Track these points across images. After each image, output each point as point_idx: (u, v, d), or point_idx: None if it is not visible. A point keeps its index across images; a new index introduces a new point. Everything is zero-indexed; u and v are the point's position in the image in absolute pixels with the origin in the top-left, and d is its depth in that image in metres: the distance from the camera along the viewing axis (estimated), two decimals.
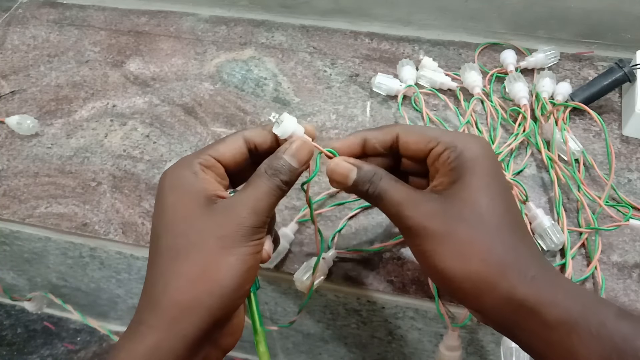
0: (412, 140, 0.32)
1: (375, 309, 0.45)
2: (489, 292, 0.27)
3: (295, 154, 0.31)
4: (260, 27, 0.66)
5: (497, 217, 0.29)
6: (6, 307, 0.78)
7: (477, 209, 0.28)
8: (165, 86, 0.60)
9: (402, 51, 0.62)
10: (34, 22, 0.69)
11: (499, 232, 0.28)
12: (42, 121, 0.56)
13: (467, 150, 0.30)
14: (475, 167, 0.29)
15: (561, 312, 0.25)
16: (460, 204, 0.29)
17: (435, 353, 0.42)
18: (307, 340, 0.56)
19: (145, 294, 0.28)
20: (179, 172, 0.30)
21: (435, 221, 0.28)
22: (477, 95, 0.53)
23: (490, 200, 0.29)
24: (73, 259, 0.54)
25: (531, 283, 0.27)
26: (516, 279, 0.27)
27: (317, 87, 0.58)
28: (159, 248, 0.29)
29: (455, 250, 0.28)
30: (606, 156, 0.49)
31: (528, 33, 0.60)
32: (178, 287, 0.27)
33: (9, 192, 0.50)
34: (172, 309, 0.27)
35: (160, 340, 0.26)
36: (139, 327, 0.27)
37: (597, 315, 0.25)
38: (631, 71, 0.51)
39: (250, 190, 0.30)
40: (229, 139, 0.32)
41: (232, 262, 0.28)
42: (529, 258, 0.28)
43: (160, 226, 0.29)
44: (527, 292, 0.26)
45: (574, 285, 0.27)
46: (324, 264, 0.42)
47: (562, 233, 0.42)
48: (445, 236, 0.28)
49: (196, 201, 0.29)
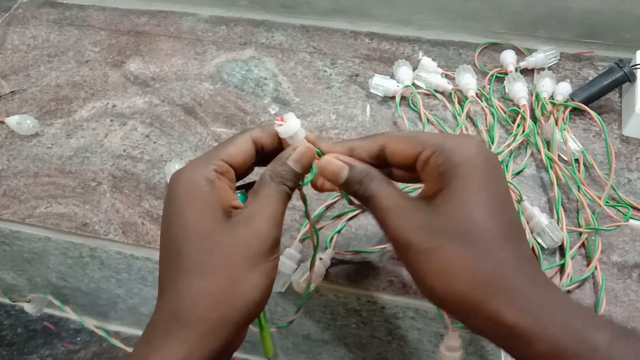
0: (399, 147, 0.31)
1: (375, 309, 0.45)
2: (475, 314, 0.26)
3: (300, 160, 0.31)
4: (260, 27, 0.66)
5: (486, 229, 0.27)
6: (6, 307, 0.78)
7: (463, 222, 0.27)
8: (165, 86, 0.60)
9: (402, 51, 0.62)
10: (34, 22, 0.69)
11: (488, 246, 0.26)
12: (42, 121, 0.56)
13: (456, 153, 0.28)
14: (464, 172, 0.28)
15: (550, 341, 0.24)
16: (445, 217, 0.27)
17: (436, 353, 0.42)
18: (307, 340, 0.56)
19: (168, 307, 0.28)
20: (194, 179, 0.29)
21: (419, 236, 0.27)
22: (471, 98, 0.53)
23: (479, 210, 0.27)
24: (73, 259, 0.54)
25: (519, 307, 0.25)
26: (503, 303, 0.25)
27: (317, 87, 0.58)
28: (182, 263, 0.28)
29: (440, 268, 0.27)
30: (606, 156, 0.49)
31: (528, 33, 0.60)
32: (207, 305, 0.27)
33: (9, 192, 0.50)
34: (202, 326, 0.27)
35: (190, 353, 0.26)
36: (168, 341, 0.27)
37: (589, 342, 0.24)
38: (631, 71, 0.51)
39: (263, 201, 0.29)
40: (239, 141, 0.32)
41: (257, 278, 0.28)
42: (519, 275, 0.26)
43: (181, 240, 0.28)
44: (515, 318, 0.25)
45: (566, 304, 0.25)
46: (322, 265, 0.42)
47: (560, 230, 0.42)
48: (429, 253, 0.27)
49: (216, 215, 0.29)
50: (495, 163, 0.29)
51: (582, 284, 0.41)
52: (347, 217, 0.46)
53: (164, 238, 0.30)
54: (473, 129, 0.52)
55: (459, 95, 0.55)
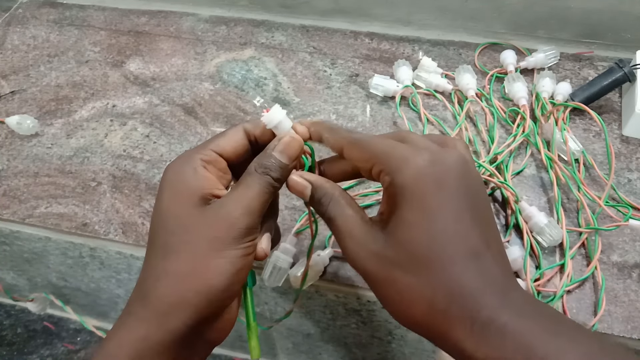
0: (355, 156, 0.30)
1: (375, 309, 0.45)
2: (440, 341, 0.25)
3: (285, 150, 0.31)
4: (260, 27, 0.66)
5: (440, 255, 0.25)
6: (6, 307, 0.78)
7: (415, 251, 0.25)
8: (165, 86, 0.60)
9: (402, 51, 0.62)
10: (34, 22, 0.69)
11: (442, 274, 0.25)
12: (42, 121, 0.56)
13: (400, 173, 0.26)
14: (410, 196, 0.26)
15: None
16: (397, 247, 0.26)
17: (436, 353, 0.42)
18: (307, 340, 0.56)
19: (137, 287, 0.29)
20: (179, 168, 0.30)
21: (374, 266, 0.27)
22: (471, 98, 0.53)
23: (430, 237, 0.25)
24: (73, 259, 0.54)
25: (479, 336, 0.24)
26: (462, 332, 0.24)
27: (317, 87, 0.58)
28: (152, 244, 0.29)
29: (398, 297, 0.26)
30: (606, 156, 0.49)
31: (528, 33, 0.60)
32: (167, 285, 0.27)
33: (9, 192, 0.50)
34: (161, 305, 0.27)
35: (149, 333, 0.27)
36: (129, 319, 0.28)
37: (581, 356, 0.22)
38: (631, 71, 0.51)
39: (241, 190, 0.30)
40: (230, 131, 0.32)
41: (221, 264, 0.28)
42: (481, 299, 0.24)
43: (156, 223, 0.29)
44: (474, 347, 0.24)
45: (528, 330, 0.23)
46: (320, 260, 0.42)
47: (559, 228, 0.42)
48: (386, 282, 0.26)
49: (191, 200, 0.29)
50: (453, 175, 0.26)
51: (582, 284, 0.41)
52: None
53: (150, 223, 0.30)
54: (473, 129, 0.53)
55: (459, 95, 0.55)
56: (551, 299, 0.40)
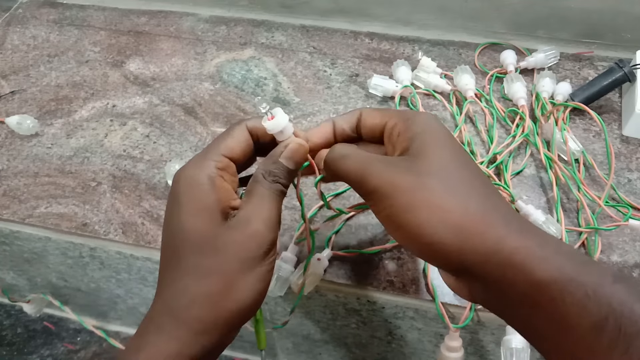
0: (371, 116, 0.32)
1: (375, 309, 0.45)
2: (473, 245, 0.25)
3: (292, 157, 0.31)
4: (260, 27, 0.66)
5: (466, 171, 0.27)
6: (6, 307, 0.78)
7: (444, 164, 0.27)
8: (165, 86, 0.60)
9: (402, 51, 0.62)
10: (34, 22, 0.69)
11: (473, 184, 0.27)
12: (42, 121, 0.56)
13: (419, 119, 0.30)
14: (430, 131, 0.29)
15: (553, 269, 0.23)
16: (425, 161, 0.27)
17: (436, 353, 0.42)
18: (307, 340, 0.56)
19: (166, 305, 0.28)
20: (194, 178, 0.30)
21: (404, 176, 0.27)
22: (470, 99, 0.53)
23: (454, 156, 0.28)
24: (73, 259, 0.54)
25: (520, 234, 0.24)
26: (503, 229, 0.25)
27: (317, 87, 0.58)
28: (180, 263, 0.29)
29: (432, 201, 0.26)
30: (606, 156, 0.49)
31: (528, 33, 0.60)
32: (202, 306, 0.28)
33: (9, 192, 0.50)
34: (196, 325, 0.27)
35: (182, 350, 0.27)
36: (160, 335, 0.27)
37: (593, 275, 0.23)
38: (631, 71, 0.51)
39: (258, 202, 0.29)
40: (236, 132, 0.32)
41: (252, 282, 0.28)
42: (510, 211, 0.26)
43: (178, 239, 0.29)
44: (516, 244, 0.24)
45: (565, 244, 0.25)
46: (320, 265, 0.42)
47: (558, 225, 0.42)
48: (418, 189, 0.26)
49: (213, 216, 0.29)
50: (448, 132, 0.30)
51: None
52: (345, 217, 0.46)
53: (165, 235, 0.30)
54: (472, 129, 0.53)
55: (458, 95, 0.55)
56: None
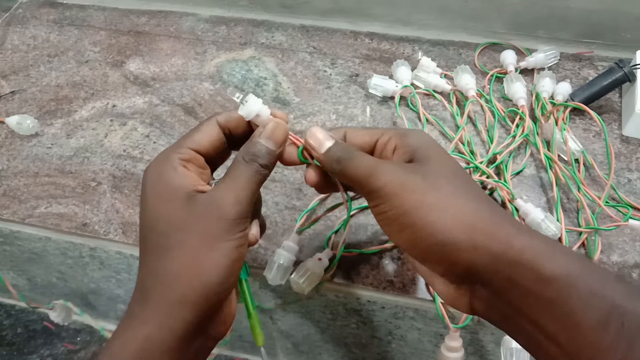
0: (358, 134, 0.32)
1: (375, 309, 0.45)
2: (484, 244, 0.25)
3: (271, 136, 0.31)
4: (260, 27, 0.66)
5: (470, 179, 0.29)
6: (6, 307, 0.78)
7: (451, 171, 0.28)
8: (165, 86, 0.60)
9: (402, 51, 0.62)
10: (34, 22, 0.69)
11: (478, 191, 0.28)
12: (42, 121, 0.56)
13: (414, 134, 0.31)
14: (428, 145, 0.30)
15: (560, 266, 0.24)
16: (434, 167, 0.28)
17: (436, 353, 0.42)
18: (307, 340, 0.56)
19: (137, 290, 0.29)
20: (159, 168, 0.30)
21: (414, 176, 0.28)
22: (472, 98, 0.53)
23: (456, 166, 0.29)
24: (73, 259, 0.54)
25: (527, 235, 0.25)
26: (512, 230, 0.26)
27: (317, 87, 0.58)
28: (146, 247, 0.29)
29: (443, 202, 0.27)
30: (606, 156, 0.49)
31: (528, 33, 0.60)
32: (165, 285, 0.28)
33: (9, 192, 0.50)
34: (161, 305, 0.27)
35: (152, 333, 0.27)
36: (132, 321, 0.28)
37: (597, 273, 0.24)
38: (631, 71, 0.51)
39: (229, 181, 0.29)
40: (205, 127, 0.32)
41: (215, 258, 0.28)
42: (513, 218, 0.27)
43: (145, 226, 0.30)
44: (525, 243, 0.25)
45: (567, 248, 0.26)
46: (320, 264, 0.42)
47: (557, 223, 0.42)
48: (429, 189, 0.27)
49: (176, 198, 0.29)
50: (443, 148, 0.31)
51: None
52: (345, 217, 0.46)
53: (139, 229, 0.30)
54: (472, 129, 0.53)
55: (458, 95, 0.55)
56: None
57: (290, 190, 0.49)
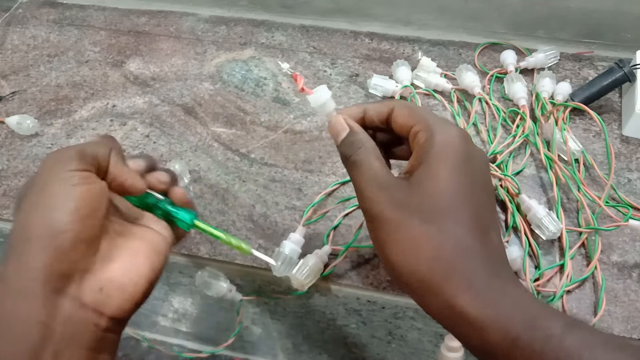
0: (401, 113, 0.32)
1: (375, 309, 0.45)
2: (430, 296, 0.27)
3: None
4: (260, 27, 0.66)
5: (456, 210, 0.28)
6: None
7: (435, 199, 0.28)
8: (165, 86, 0.60)
9: (402, 51, 0.62)
10: (34, 22, 0.69)
11: (456, 227, 0.27)
12: (42, 121, 0.56)
13: (439, 134, 0.29)
14: (443, 152, 0.29)
15: (503, 328, 0.25)
16: (421, 193, 0.28)
17: (436, 353, 0.42)
18: (307, 340, 0.56)
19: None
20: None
21: (392, 210, 0.28)
22: (478, 95, 0.53)
23: (453, 191, 0.28)
24: None
25: (475, 294, 0.26)
26: (459, 287, 0.26)
27: (317, 87, 0.58)
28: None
29: (407, 244, 0.27)
30: (606, 156, 0.49)
31: (528, 33, 0.60)
32: (18, 221, 0.28)
33: (9, 192, 0.50)
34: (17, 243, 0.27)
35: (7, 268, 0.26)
36: None
37: (542, 330, 0.24)
38: (631, 71, 0.51)
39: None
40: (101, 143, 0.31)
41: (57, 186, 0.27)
42: (480, 261, 0.27)
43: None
44: (468, 303, 0.25)
45: (523, 296, 0.26)
46: (318, 260, 0.42)
47: (558, 221, 0.42)
48: (398, 227, 0.28)
49: None
50: (477, 155, 0.30)
51: (582, 284, 0.41)
52: (344, 214, 0.46)
53: None
54: (472, 128, 0.53)
55: (458, 94, 0.55)
56: (551, 299, 0.40)
57: (290, 190, 0.49)
